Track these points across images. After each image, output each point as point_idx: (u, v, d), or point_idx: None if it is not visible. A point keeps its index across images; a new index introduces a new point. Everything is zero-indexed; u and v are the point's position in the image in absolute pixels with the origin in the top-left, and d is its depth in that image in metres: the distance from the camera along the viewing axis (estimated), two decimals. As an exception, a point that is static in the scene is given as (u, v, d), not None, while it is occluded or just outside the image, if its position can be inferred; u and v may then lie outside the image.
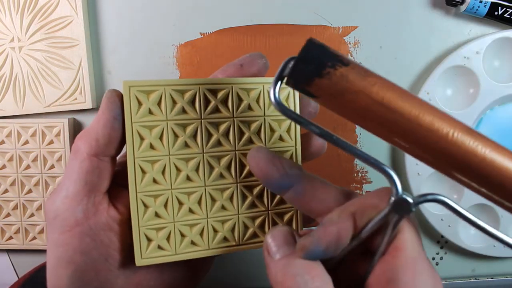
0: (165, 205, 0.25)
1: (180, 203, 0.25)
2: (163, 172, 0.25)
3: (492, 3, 0.39)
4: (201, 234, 0.26)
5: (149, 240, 0.25)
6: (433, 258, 0.47)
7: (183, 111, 0.25)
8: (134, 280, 0.25)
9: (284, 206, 0.27)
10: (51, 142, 0.42)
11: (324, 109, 0.26)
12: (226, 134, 0.26)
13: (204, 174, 0.25)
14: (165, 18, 0.41)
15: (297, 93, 0.27)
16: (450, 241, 0.43)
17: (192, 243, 0.26)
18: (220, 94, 0.25)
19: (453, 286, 0.47)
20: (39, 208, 0.42)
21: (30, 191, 0.42)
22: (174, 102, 0.25)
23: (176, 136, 0.25)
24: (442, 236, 0.43)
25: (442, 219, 0.43)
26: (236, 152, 0.26)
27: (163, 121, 0.24)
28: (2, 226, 0.43)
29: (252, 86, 0.26)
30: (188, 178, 0.25)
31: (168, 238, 0.25)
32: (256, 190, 0.27)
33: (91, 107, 0.41)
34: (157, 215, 0.25)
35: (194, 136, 0.25)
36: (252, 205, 0.27)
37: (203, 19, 0.41)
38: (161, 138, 0.25)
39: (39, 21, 0.40)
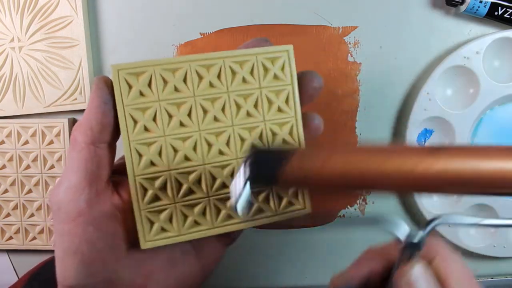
0: (165, 187, 0.25)
1: (180, 184, 0.25)
2: (159, 154, 0.25)
3: (492, 3, 0.39)
4: (204, 213, 0.25)
5: (151, 222, 0.24)
6: (433, 258, 0.47)
7: (175, 89, 0.24)
8: (143, 272, 0.25)
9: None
10: (51, 142, 0.42)
11: (322, 109, 0.26)
12: (222, 109, 0.25)
13: (202, 152, 0.25)
14: (165, 18, 0.41)
15: (293, 63, 0.26)
16: (450, 241, 0.43)
17: (196, 222, 0.25)
18: (212, 70, 0.25)
19: (453, 286, 0.47)
20: (39, 208, 0.42)
21: (30, 191, 0.42)
22: (165, 82, 0.24)
23: (170, 116, 0.25)
24: (442, 236, 0.43)
25: (442, 219, 0.43)
26: (234, 127, 0.26)
27: (156, 102, 0.24)
28: (2, 226, 0.43)
29: (245, 58, 0.25)
30: (186, 158, 0.25)
31: (170, 220, 0.25)
32: None
33: (91, 107, 0.41)
34: (157, 197, 0.25)
35: (188, 114, 0.25)
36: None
37: (203, 19, 0.41)
38: (154, 119, 0.24)
39: (39, 21, 0.40)
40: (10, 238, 0.43)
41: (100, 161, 0.24)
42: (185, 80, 0.25)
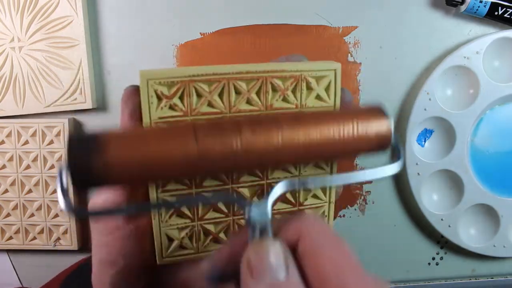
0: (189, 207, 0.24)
1: (205, 205, 0.24)
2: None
3: (492, 3, 0.39)
4: (226, 232, 0.25)
5: (170, 239, 0.24)
6: (433, 258, 0.47)
7: (209, 105, 0.22)
8: (180, 277, 0.25)
9: (314, 203, 0.25)
10: (51, 142, 0.42)
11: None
12: None
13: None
14: (165, 18, 0.41)
15: (339, 84, 0.24)
16: (450, 241, 0.43)
17: (216, 241, 0.25)
18: (251, 85, 0.23)
19: (453, 286, 0.47)
20: (39, 208, 0.42)
21: (30, 191, 0.42)
22: (198, 96, 0.22)
23: None
24: (442, 236, 0.43)
25: (442, 219, 0.43)
26: None
27: (187, 117, 0.22)
28: (2, 226, 0.43)
29: (289, 74, 0.23)
30: (213, 177, 0.24)
31: (191, 237, 0.24)
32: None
33: (91, 107, 0.41)
34: (179, 215, 0.24)
35: None
36: (282, 201, 0.25)
37: (203, 19, 0.41)
38: None
39: (39, 21, 0.40)
40: (10, 238, 0.43)
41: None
42: (221, 95, 0.22)
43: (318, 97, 0.24)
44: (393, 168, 0.21)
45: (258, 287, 0.16)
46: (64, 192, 0.18)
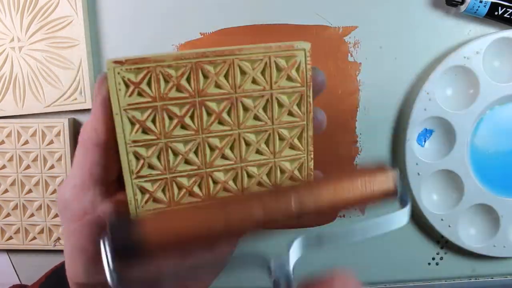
0: (163, 189, 0.24)
1: (179, 188, 0.24)
2: (158, 157, 0.23)
3: (492, 3, 0.39)
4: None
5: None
6: (433, 258, 0.47)
7: (178, 90, 0.22)
8: (155, 266, 0.25)
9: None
10: (51, 142, 0.42)
11: (322, 108, 0.26)
12: (228, 112, 0.24)
13: (203, 157, 0.24)
14: (165, 18, 0.41)
15: (309, 63, 0.24)
16: (450, 241, 0.43)
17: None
18: (219, 68, 0.23)
19: (453, 286, 0.47)
20: (39, 208, 0.42)
21: (30, 191, 0.42)
22: (166, 81, 0.22)
23: (171, 118, 0.23)
24: (442, 236, 0.43)
25: (442, 219, 0.43)
26: (239, 131, 0.24)
27: (155, 103, 0.22)
28: (2, 226, 0.43)
29: (257, 56, 0.23)
30: (187, 162, 0.24)
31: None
32: (261, 170, 0.25)
33: (91, 107, 0.41)
34: (155, 200, 0.24)
35: (191, 116, 0.23)
36: (258, 185, 0.25)
37: (203, 19, 0.41)
38: (154, 121, 0.23)
39: (39, 21, 0.40)
40: (10, 238, 0.43)
41: (107, 162, 0.23)
42: (188, 80, 0.23)
43: (289, 78, 0.24)
44: (402, 218, 0.24)
45: None
46: (111, 270, 0.19)
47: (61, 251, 0.44)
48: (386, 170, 0.23)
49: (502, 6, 0.39)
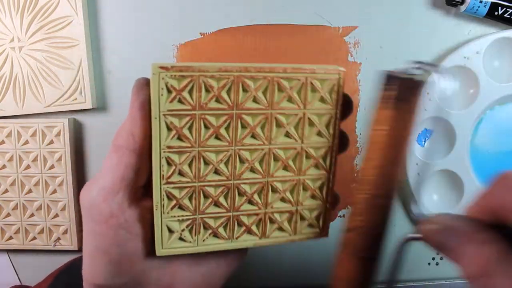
0: (190, 197, 0.24)
1: (206, 197, 0.24)
2: (190, 165, 0.24)
3: (492, 3, 0.39)
4: (225, 227, 0.25)
5: (170, 231, 0.24)
6: (433, 258, 0.47)
7: (217, 101, 0.23)
8: (169, 271, 0.25)
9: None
10: (51, 142, 0.42)
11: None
12: (262, 127, 0.24)
13: (233, 168, 0.24)
14: (165, 18, 0.41)
15: (341, 87, 0.25)
16: (450, 241, 0.43)
17: (215, 235, 0.25)
18: (258, 84, 0.23)
19: (453, 286, 0.47)
20: (39, 208, 0.42)
21: (30, 191, 0.42)
22: (207, 91, 0.23)
23: (207, 127, 0.23)
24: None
25: (442, 219, 0.43)
26: (270, 147, 0.25)
27: (194, 111, 0.23)
28: (2, 226, 0.43)
29: (295, 76, 0.24)
30: (216, 172, 0.24)
31: (191, 230, 0.24)
32: (286, 186, 0.26)
33: (91, 107, 0.41)
34: (181, 207, 0.24)
35: (226, 128, 0.24)
36: (281, 200, 0.26)
37: (203, 19, 0.41)
38: (190, 128, 0.23)
39: (39, 21, 0.40)
40: (10, 238, 0.43)
41: (139, 169, 0.23)
42: (229, 92, 0.23)
43: (321, 99, 0.25)
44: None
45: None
46: None
47: (61, 251, 0.44)
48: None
49: (502, 6, 0.39)
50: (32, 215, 0.43)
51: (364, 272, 0.23)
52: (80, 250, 0.43)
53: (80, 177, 0.43)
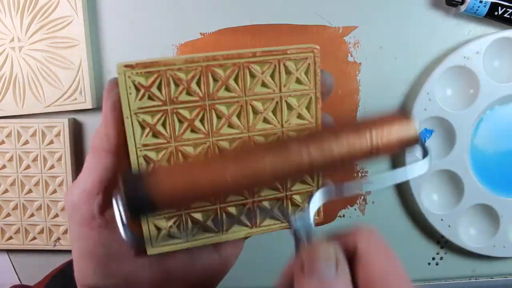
0: None
1: None
2: (168, 161, 0.23)
3: (492, 3, 0.39)
4: (214, 220, 0.25)
5: (158, 229, 0.24)
6: (433, 258, 0.47)
7: (188, 93, 0.23)
8: (163, 267, 0.25)
9: (301, 188, 0.26)
10: (51, 142, 0.42)
11: (322, 108, 0.26)
12: (238, 115, 0.24)
13: None
14: (165, 18, 0.41)
15: (318, 65, 0.24)
16: (450, 241, 0.43)
17: (205, 229, 0.25)
18: (228, 71, 0.23)
19: (453, 286, 0.47)
20: (39, 208, 0.42)
21: (30, 191, 0.42)
22: (176, 85, 0.22)
23: (181, 122, 0.23)
24: (442, 236, 0.43)
25: (442, 219, 0.43)
26: (249, 134, 0.24)
27: (166, 106, 0.22)
28: (2, 226, 0.43)
29: (266, 59, 0.23)
30: None
31: (178, 226, 0.24)
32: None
33: (91, 107, 0.41)
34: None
35: (201, 120, 0.23)
36: (270, 189, 0.25)
37: (203, 19, 0.41)
38: (164, 125, 0.23)
39: (39, 21, 0.40)
40: (10, 238, 0.43)
41: (117, 168, 0.23)
42: (199, 83, 0.23)
43: (298, 81, 0.24)
44: (424, 166, 0.22)
45: (310, 283, 0.17)
46: (125, 226, 0.20)
47: (61, 251, 0.44)
48: (405, 117, 0.22)
49: (502, 6, 0.39)
50: (32, 215, 0.43)
51: None
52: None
53: (80, 177, 0.43)
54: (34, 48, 0.41)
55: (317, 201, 0.21)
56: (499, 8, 0.39)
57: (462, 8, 0.40)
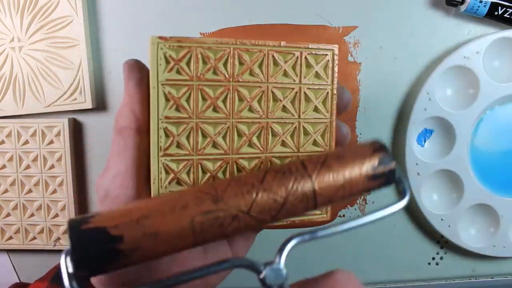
0: (188, 172, 0.24)
1: (204, 172, 0.24)
2: (188, 137, 0.24)
3: (492, 3, 0.39)
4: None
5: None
6: (433, 258, 0.47)
7: (214, 72, 0.23)
8: (179, 259, 0.25)
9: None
10: (51, 142, 0.42)
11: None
12: (258, 100, 0.24)
13: (231, 142, 0.24)
14: (165, 18, 0.41)
15: (336, 64, 0.26)
16: (450, 241, 0.43)
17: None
18: (254, 57, 0.24)
19: (453, 286, 0.47)
20: (39, 208, 0.42)
21: (30, 191, 0.42)
22: (204, 62, 0.23)
23: (204, 99, 0.24)
24: (442, 236, 0.43)
25: (442, 219, 0.43)
26: (267, 120, 0.25)
27: (192, 82, 0.23)
28: (2, 226, 0.43)
29: (289, 50, 0.25)
30: (214, 145, 0.24)
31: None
32: (285, 162, 0.25)
33: (91, 107, 0.41)
34: (178, 182, 0.24)
35: (223, 100, 0.24)
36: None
37: (203, 19, 0.41)
38: (188, 100, 0.23)
39: (39, 21, 0.40)
40: (10, 238, 0.43)
41: (148, 146, 0.23)
42: (225, 64, 0.24)
43: (317, 75, 0.26)
44: (400, 204, 0.22)
45: None
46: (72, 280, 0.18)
47: (61, 251, 0.44)
48: (376, 151, 0.22)
49: (502, 6, 0.39)
50: (32, 215, 0.43)
51: None
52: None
53: (80, 177, 0.43)
54: (34, 48, 0.41)
55: (288, 248, 0.20)
56: (499, 8, 0.39)
57: (462, 8, 0.40)
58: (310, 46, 0.25)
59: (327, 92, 0.26)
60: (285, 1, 0.41)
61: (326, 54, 0.25)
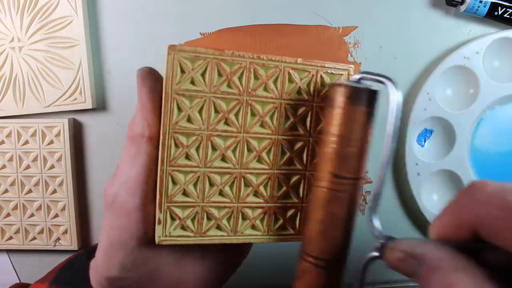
0: (195, 184, 0.24)
1: (211, 184, 0.24)
2: (197, 148, 0.23)
3: (492, 3, 0.39)
4: (229, 218, 0.25)
5: (173, 218, 0.24)
6: (433, 258, 0.47)
7: (228, 85, 0.23)
8: (180, 264, 0.25)
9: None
10: (51, 142, 0.42)
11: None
12: (271, 116, 0.24)
13: (240, 156, 0.24)
14: (165, 18, 0.41)
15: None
16: (450, 241, 0.43)
17: (218, 227, 0.25)
18: (270, 72, 0.24)
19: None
20: (39, 208, 0.42)
21: (30, 191, 0.42)
22: (220, 75, 0.23)
23: (216, 111, 0.23)
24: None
25: (442, 219, 0.43)
26: (278, 137, 0.25)
27: (206, 93, 0.23)
28: (2, 226, 0.43)
29: (305, 67, 0.24)
30: (223, 159, 0.24)
31: (193, 219, 0.24)
32: (293, 180, 0.25)
33: (91, 107, 0.41)
34: (185, 193, 0.24)
35: (236, 114, 0.24)
36: (286, 196, 0.25)
37: (203, 19, 0.41)
38: (200, 111, 0.23)
39: (39, 21, 0.40)
40: (10, 238, 0.43)
41: (158, 156, 0.23)
42: (240, 78, 0.23)
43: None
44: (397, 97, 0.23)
45: None
46: None
47: (61, 251, 0.44)
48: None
49: (502, 6, 0.39)
50: (32, 215, 0.43)
51: None
52: (80, 250, 0.43)
53: (80, 177, 0.43)
54: (34, 48, 0.41)
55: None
56: (499, 8, 0.39)
57: (462, 8, 0.40)
58: (326, 65, 0.25)
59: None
60: (285, 1, 0.41)
61: (342, 74, 0.25)
